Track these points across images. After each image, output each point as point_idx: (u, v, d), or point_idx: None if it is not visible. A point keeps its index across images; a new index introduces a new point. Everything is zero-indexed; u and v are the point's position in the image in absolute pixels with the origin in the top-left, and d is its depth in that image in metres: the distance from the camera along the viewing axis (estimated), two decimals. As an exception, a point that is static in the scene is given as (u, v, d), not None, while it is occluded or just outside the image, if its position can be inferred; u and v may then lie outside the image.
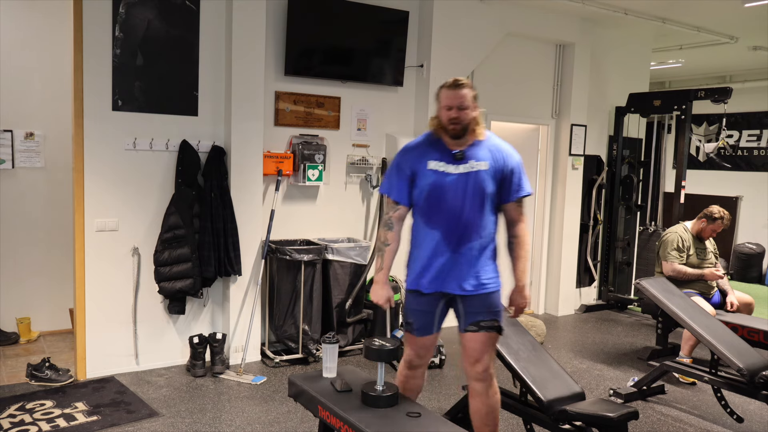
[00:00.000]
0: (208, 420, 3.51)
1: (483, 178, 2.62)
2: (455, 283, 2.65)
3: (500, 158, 2.66)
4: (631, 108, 6.39)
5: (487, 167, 2.63)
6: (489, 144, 2.69)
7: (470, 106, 2.61)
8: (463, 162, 2.63)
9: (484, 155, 2.65)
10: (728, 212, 4.74)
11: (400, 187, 2.72)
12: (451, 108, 2.61)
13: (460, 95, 2.60)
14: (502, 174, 2.65)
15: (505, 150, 2.70)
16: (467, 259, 2.64)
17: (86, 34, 3.91)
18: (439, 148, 2.67)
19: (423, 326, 2.75)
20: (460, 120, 2.60)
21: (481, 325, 2.67)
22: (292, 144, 4.74)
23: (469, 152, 2.65)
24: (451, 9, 5.17)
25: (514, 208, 2.72)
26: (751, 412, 3.89)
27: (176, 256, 4.13)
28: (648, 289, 4.20)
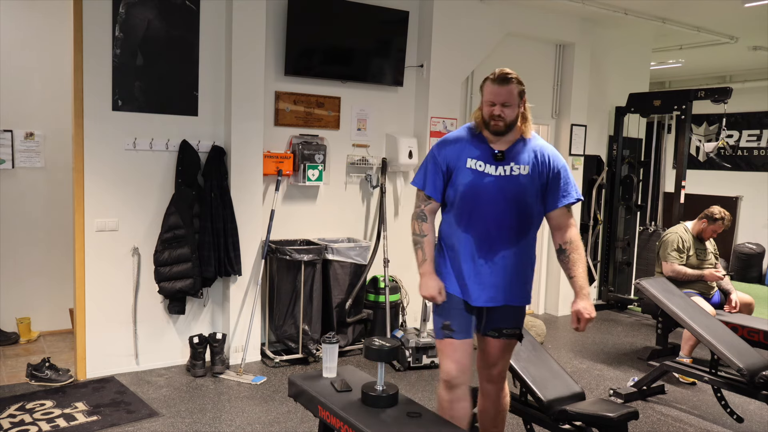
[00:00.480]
0: (208, 420, 3.51)
1: (523, 184, 2.43)
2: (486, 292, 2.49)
3: (544, 162, 2.46)
4: (631, 108, 6.39)
5: (527, 172, 2.44)
6: (533, 145, 2.49)
7: (515, 104, 2.43)
8: (504, 163, 2.44)
9: (526, 158, 2.46)
10: (728, 212, 4.74)
11: (434, 181, 2.54)
12: (494, 104, 2.42)
13: (505, 91, 2.42)
14: (546, 179, 2.46)
15: (550, 153, 2.50)
16: (503, 269, 2.47)
17: (86, 34, 3.91)
18: (479, 145, 2.49)
19: (464, 328, 2.53)
20: (504, 118, 2.42)
21: (503, 332, 2.57)
22: (292, 144, 4.74)
23: (511, 153, 2.46)
24: (451, 9, 5.17)
25: (562, 214, 2.51)
26: (751, 412, 3.89)
27: (176, 256, 4.13)
28: (648, 289, 4.20)
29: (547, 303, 6.40)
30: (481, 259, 2.47)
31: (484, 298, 2.49)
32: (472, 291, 2.49)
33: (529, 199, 2.44)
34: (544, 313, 6.37)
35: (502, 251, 2.46)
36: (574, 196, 2.50)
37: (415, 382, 4.23)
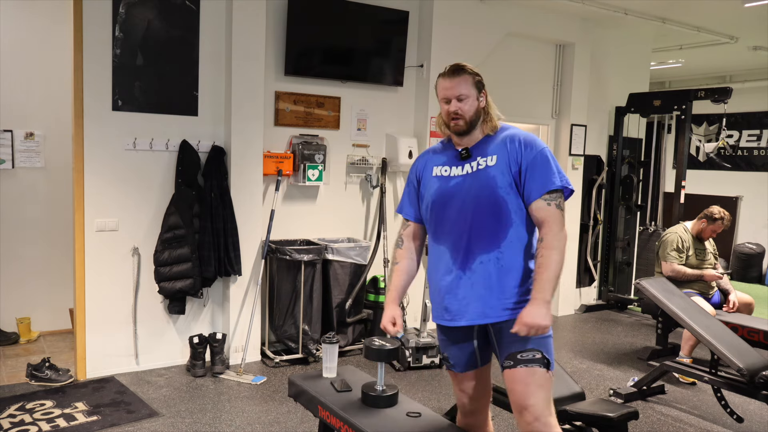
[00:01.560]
0: (208, 420, 3.51)
1: (492, 175, 2.12)
2: (474, 308, 2.14)
3: (515, 148, 2.12)
4: (631, 108, 6.39)
5: (495, 162, 2.12)
6: (503, 135, 2.18)
7: (472, 95, 2.16)
8: (470, 160, 2.18)
9: (494, 148, 2.15)
10: (728, 212, 4.74)
11: (407, 201, 2.38)
12: (449, 100, 2.16)
13: (458, 83, 2.15)
14: (519, 167, 2.11)
15: (523, 138, 2.15)
16: (483, 277, 2.12)
17: (86, 34, 3.91)
18: (447, 152, 2.27)
19: (462, 361, 2.26)
20: (462, 114, 2.15)
21: (518, 358, 2.08)
22: (292, 144, 4.74)
23: (477, 149, 2.19)
24: (451, 9, 5.17)
25: (539, 208, 2.09)
26: (751, 412, 3.89)
27: (176, 256, 4.13)
28: (648, 289, 4.20)
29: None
30: (459, 270, 2.16)
31: (469, 315, 2.15)
32: (455, 309, 2.17)
33: (501, 191, 2.11)
34: (544, 313, 6.36)
35: (479, 256, 2.13)
36: (556, 183, 2.09)
37: (415, 382, 4.23)
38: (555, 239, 2.07)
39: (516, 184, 2.13)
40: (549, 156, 2.13)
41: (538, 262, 2.07)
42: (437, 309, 2.26)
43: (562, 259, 2.07)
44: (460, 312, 2.16)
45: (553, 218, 2.09)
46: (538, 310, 2.02)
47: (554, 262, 2.06)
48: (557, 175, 2.11)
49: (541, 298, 2.03)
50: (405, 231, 2.41)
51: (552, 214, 2.09)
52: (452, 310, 2.18)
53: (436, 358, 4.50)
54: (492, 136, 2.20)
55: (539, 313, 2.01)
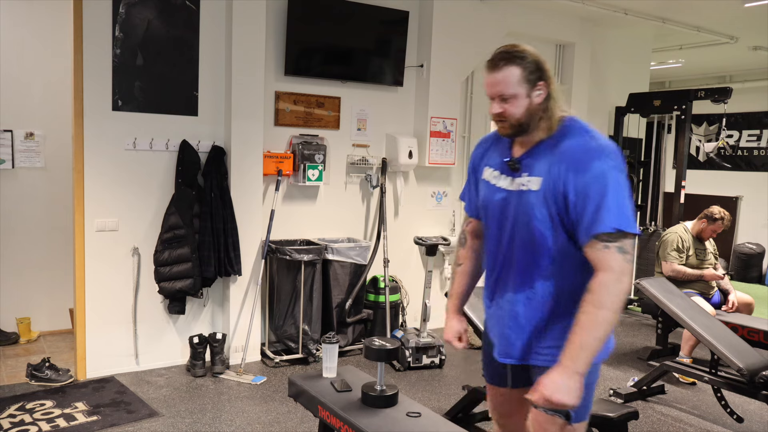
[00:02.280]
0: (208, 420, 3.51)
1: (531, 203, 1.74)
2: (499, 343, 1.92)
3: (560, 172, 1.68)
4: (631, 108, 6.39)
5: (538, 187, 1.72)
6: (558, 147, 1.73)
7: (520, 94, 1.73)
8: (518, 174, 1.80)
9: (542, 166, 1.74)
10: (728, 212, 4.74)
11: (467, 192, 2.09)
12: (493, 98, 1.79)
13: (500, 79, 1.73)
14: (565, 198, 1.67)
15: (576, 159, 1.68)
16: (509, 317, 1.84)
17: (86, 34, 3.91)
18: (501, 149, 1.91)
19: (492, 374, 2.06)
20: (507, 117, 1.77)
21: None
22: (292, 144, 4.74)
23: (528, 159, 1.79)
24: (451, 9, 5.17)
25: (597, 250, 1.64)
26: (751, 412, 3.89)
27: (176, 256, 4.13)
28: (648, 289, 4.20)
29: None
30: (488, 299, 1.95)
31: (496, 350, 1.94)
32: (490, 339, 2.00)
33: (539, 225, 1.72)
34: (544, 313, 6.36)
35: (507, 293, 1.85)
36: (609, 225, 1.60)
37: (415, 382, 4.23)
38: (606, 294, 1.61)
39: (562, 219, 1.70)
40: (609, 182, 1.63)
41: (579, 319, 1.65)
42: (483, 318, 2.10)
43: (612, 320, 1.61)
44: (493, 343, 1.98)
45: (608, 264, 1.62)
46: (563, 382, 1.61)
47: (599, 324, 1.61)
48: (614, 211, 1.61)
49: (570, 367, 1.62)
50: (467, 227, 2.10)
51: (609, 259, 1.62)
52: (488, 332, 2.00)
53: (436, 358, 4.50)
54: (549, 144, 1.76)
55: (564, 386, 1.60)
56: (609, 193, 1.63)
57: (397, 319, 4.97)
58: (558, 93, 1.78)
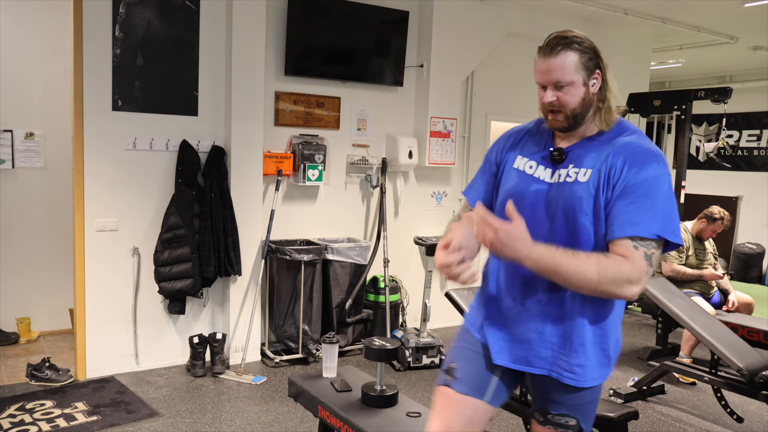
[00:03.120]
0: (208, 420, 3.51)
1: (578, 195, 1.60)
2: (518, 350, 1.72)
3: (616, 165, 1.58)
4: (631, 108, 6.38)
5: (587, 178, 1.60)
6: (613, 142, 1.63)
7: (577, 81, 1.61)
8: (562, 166, 1.66)
9: (594, 158, 1.62)
10: (728, 212, 4.74)
11: (479, 183, 1.85)
12: (545, 88, 1.66)
13: (557, 65, 1.60)
14: (614, 192, 1.57)
15: (636, 155, 1.58)
16: (538, 321, 1.67)
17: (86, 34, 3.91)
18: (541, 141, 1.75)
19: (470, 379, 1.76)
20: (562, 107, 1.63)
21: (548, 418, 1.75)
22: (292, 144, 4.74)
23: (575, 151, 1.66)
24: (451, 9, 5.17)
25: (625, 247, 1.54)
26: (751, 412, 3.89)
27: (176, 256, 4.13)
28: (648, 289, 4.20)
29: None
30: (509, 299, 1.72)
31: (507, 356, 1.73)
32: (493, 340, 1.75)
33: (584, 219, 1.60)
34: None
35: (539, 293, 1.66)
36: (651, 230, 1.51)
37: (415, 382, 4.23)
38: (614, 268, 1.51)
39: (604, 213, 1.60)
40: (664, 188, 1.55)
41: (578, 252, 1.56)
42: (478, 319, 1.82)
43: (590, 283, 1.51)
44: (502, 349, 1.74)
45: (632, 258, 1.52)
46: (521, 243, 1.50)
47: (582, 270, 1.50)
48: (661, 218, 1.52)
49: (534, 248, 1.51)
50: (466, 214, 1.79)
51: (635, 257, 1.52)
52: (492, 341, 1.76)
53: (436, 358, 4.50)
54: (602, 137, 1.66)
55: (517, 243, 1.49)
56: (661, 200, 1.55)
57: (397, 319, 4.97)
58: (614, 84, 1.66)
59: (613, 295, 1.55)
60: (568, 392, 1.69)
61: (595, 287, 1.52)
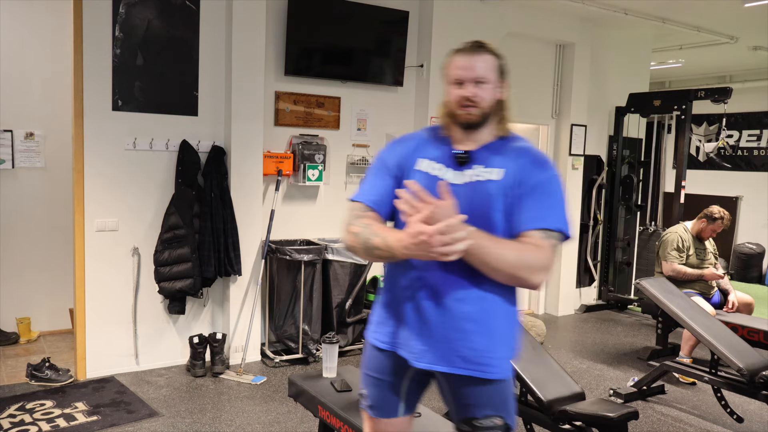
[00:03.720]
0: (208, 420, 3.51)
1: (491, 193, 1.68)
2: (437, 350, 1.69)
3: (524, 166, 1.69)
4: (631, 108, 6.39)
5: (500, 177, 1.68)
6: (515, 145, 1.75)
7: (492, 81, 1.72)
8: (468, 167, 1.72)
9: (502, 159, 1.71)
10: (728, 212, 4.74)
11: (374, 186, 1.80)
12: (463, 83, 1.71)
13: (479, 63, 1.70)
14: (522, 190, 1.67)
15: (538, 157, 1.73)
16: (455, 318, 1.68)
17: (86, 34, 3.91)
18: (440, 145, 1.79)
19: (382, 404, 1.84)
20: (478, 101, 1.70)
21: (475, 425, 1.74)
22: (292, 144, 4.74)
23: (481, 153, 1.73)
24: (451, 9, 5.17)
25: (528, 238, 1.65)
26: (751, 412, 3.89)
27: (176, 256, 4.13)
28: (648, 289, 4.20)
29: (547, 303, 6.40)
30: (428, 301, 1.70)
31: (429, 357, 1.70)
32: (412, 345, 1.72)
33: (497, 216, 1.67)
34: (544, 313, 6.37)
35: (456, 292, 1.67)
36: (552, 223, 1.65)
37: (415, 382, 4.22)
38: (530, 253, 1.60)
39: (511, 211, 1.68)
40: (560, 187, 1.72)
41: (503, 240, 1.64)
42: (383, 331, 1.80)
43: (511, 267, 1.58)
44: (420, 352, 1.71)
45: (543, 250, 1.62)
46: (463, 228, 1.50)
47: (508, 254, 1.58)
48: (561, 214, 1.68)
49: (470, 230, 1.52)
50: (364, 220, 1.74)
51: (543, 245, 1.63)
52: (411, 345, 1.72)
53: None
54: (502, 142, 1.76)
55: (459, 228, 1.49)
56: (559, 197, 1.70)
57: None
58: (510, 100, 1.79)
59: (523, 281, 1.62)
60: (491, 389, 1.72)
61: (511, 271, 1.59)
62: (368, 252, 1.68)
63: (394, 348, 1.77)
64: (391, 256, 1.62)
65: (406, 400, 1.84)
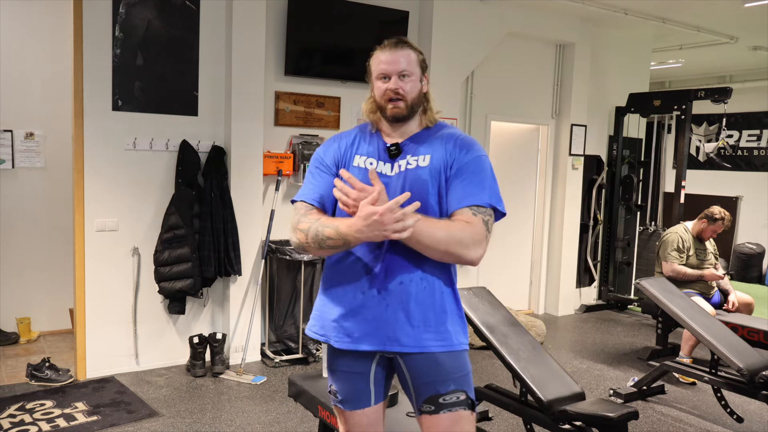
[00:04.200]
0: (208, 420, 3.51)
1: (422, 178, 1.77)
2: (384, 334, 1.75)
3: (449, 150, 1.80)
4: (631, 108, 6.39)
5: (428, 163, 1.78)
6: (442, 133, 1.85)
7: (415, 75, 1.81)
8: (400, 158, 1.81)
9: (429, 146, 1.81)
10: (728, 212, 4.74)
11: (314, 185, 1.87)
12: (388, 77, 1.80)
13: (401, 57, 1.80)
14: (451, 172, 1.78)
15: (462, 140, 1.82)
16: (401, 299, 1.74)
17: (86, 34, 3.91)
18: (371, 141, 1.87)
19: (352, 396, 1.87)
20: (403, 95, 1.79)
21: (441, 402, 1.77)
22: (292, 144, 4.74)
23: (409, 144, 1.83)
24: (451, 9, 5.17)
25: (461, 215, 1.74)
26: (751, 412, 3.89)
27: (176, 256, 4.13)
28: (648, 289, 4.20)
29: (547, 303, 6.40)
30: (373, 289, 1.76)
31: (377, 339, 1.76)
32: (360, 331, 1.77)
33: (432, 199, 1.77)
34: (544, 313, 6.37)
35: (400, 275, 1.75)
36: (485, 200, 1.74)
37: (415, 382, 4.22)
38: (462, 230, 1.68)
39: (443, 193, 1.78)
40: (487, 165, 1.80)
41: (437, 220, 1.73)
42: (332, 328, 1.81)
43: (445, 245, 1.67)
44: (367, 335, 1.76)
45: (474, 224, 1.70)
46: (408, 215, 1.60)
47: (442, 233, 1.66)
48: (489, 190, 1.76)
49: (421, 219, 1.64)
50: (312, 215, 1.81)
51: (475, 221, 1.71)
52: (355, 332, 1.77)
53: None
54: (428, 131, 1.86)
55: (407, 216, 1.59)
56: (487, 175, 1.79)
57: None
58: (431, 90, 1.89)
59: (458, 257, 1.71)
60: (451, 362, 1.77)
61: (444, 248, 1.68)
62: (320, 244, 1.73)
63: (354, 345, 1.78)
64: (345, 244, 1.69)
65: (375, 387, 1.87)
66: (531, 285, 6.42)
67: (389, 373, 1.88)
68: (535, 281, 6.39)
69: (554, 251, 6.32)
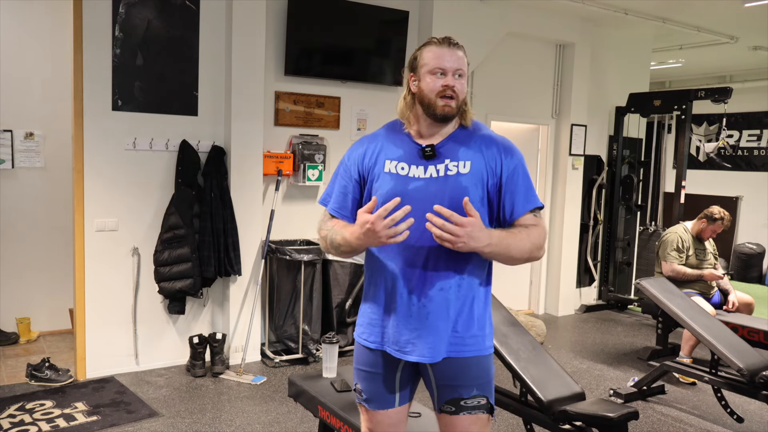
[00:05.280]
0: (208, 420, 3.51)
1: (464, 185, 1.75)
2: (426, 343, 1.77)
3: (493, 155, 1.79)
4: (631, 108, 6.39)
5: (469, 169, 1.77)
6: (478, 135, 1.83)
7: (465, 78, 1.81)
8: (436, 161, 1.78)
9: (468, 152, 1.79)
10: (728, 213, 4.74)
11: (341, 195, 1.90)
12: (445, 73, 1.76)
13: (458, 56, 1.78)
14: (498, 178, 1.79)
15: (501, 144, 1.82)
16: (441, 307, 1.76)
17: (86, 34, 3.91)
18: (401, 143, 1.84)
19: (377, 396, 1.89)
20: (457, 93, 1.76)
21: (462, 405, 1.81)
22: (292, 144, 4.74)
23: (445, 146, 1.79)
24: (451, 9, 5.17)
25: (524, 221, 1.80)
26: (751, 412, 3.89)
27: (176, 256, 4.13)
28: (648, 289, 4.20)
29: (547, 303, 6.40)
30: (413, 296, 1.77)
31: (420, 350, 1.77)
32: (404, 341, 1.79)
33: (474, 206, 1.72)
34: (544, 313, 6.37)
35: (440, 282, 1.76)
36: (535, 201, 1.82)
37: (415, 382, 4.22)
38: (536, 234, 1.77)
39: (489, 199, 1.79)
40: (526, 168, 1.85)
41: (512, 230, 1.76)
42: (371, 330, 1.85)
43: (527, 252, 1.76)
44: (409, 346, 1.78)
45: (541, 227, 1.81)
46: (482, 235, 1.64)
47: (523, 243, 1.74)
48: (535, 191, 1.85)
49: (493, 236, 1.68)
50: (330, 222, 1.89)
51: (539, 223, 1.81)
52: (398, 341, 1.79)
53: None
54: (465, 131, 1.83)
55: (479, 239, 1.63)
56: (529, 176, 1.85)
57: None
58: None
59: (534, 259, 1.81)
60: (475, 367, 1.80)
61: (527, 256, 1.77)
62: (336, 250, 1.83)
63: (382, 347, 1.83)
64: (353, 250, 1.77)
65: (401, 390, 1.90)
66: (531, 285, 6.42)
67: (416, 377, 1.91)
68: (535, 281, 6.39)
69: (554, 251, 6.32)
